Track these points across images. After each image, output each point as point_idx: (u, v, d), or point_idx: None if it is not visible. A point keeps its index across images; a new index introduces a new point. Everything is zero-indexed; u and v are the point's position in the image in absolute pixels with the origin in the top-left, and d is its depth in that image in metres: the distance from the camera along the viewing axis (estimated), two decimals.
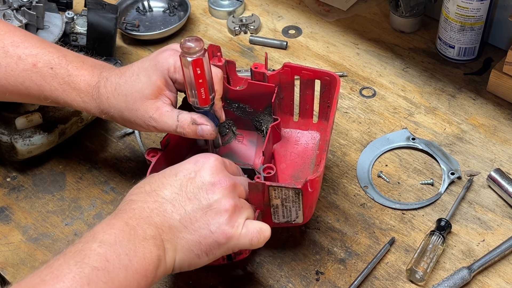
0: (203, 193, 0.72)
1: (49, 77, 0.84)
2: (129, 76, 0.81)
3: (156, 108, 0.80)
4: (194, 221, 0.71)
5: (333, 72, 0.89)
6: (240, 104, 0.94)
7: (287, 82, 0.92)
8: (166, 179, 0.73)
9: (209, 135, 0.80)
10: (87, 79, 0.84)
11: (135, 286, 0.65)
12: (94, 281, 0.62)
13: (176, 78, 0.80)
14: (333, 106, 0.85)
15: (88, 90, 0.83)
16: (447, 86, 1.11)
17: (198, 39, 0.74)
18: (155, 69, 0.80)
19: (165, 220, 0.70)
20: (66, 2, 1.09)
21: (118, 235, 0.66)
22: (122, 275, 0.64)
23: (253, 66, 0.90)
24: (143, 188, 0.73)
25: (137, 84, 0.80)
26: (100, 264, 0.63)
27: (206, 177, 0.73)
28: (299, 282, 0.86)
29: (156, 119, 0.80)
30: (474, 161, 0.99)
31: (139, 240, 0.67)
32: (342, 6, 1.26)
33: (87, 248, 0.65)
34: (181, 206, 0.71)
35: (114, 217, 0.70)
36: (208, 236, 0.71)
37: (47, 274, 0.62)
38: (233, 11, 1.25)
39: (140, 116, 0.80)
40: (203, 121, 0.80)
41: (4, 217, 0.94)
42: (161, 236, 0.69)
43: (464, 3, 1.06)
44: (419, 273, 0.84)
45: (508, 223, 0.92)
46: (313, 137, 0.97)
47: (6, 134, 0.94)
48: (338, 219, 0.93)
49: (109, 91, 0.82)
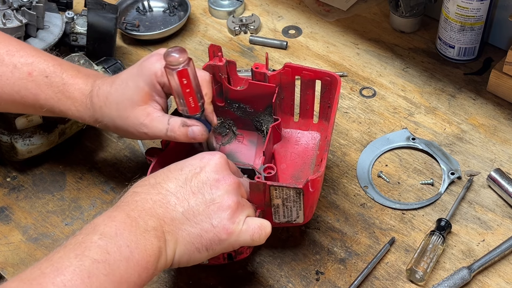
0: (207, 188, 0.72)
1: (44, 85, 0.84)
2: (119, 84, 0.81)
3: (147, 114, 0.80)
4: (197, 214, 0.71)
5: (334, 73, 0.89)
6: (241, 104, 0.94)
7: (288, 82, 0.92)
8: (171, 173, 0.74)
9: (200, 135, 0.80)
10: (81, 88, 0.84)
11: (136, 278, 0.65)
12: (95, 274, 0.62)
13: (164, 82, 0.80)
14: (334, 107, 0.85)
15: (82, 99, 0.83)
16: (447, 86, 1.11)
17: (182, 50, 0.74)
18: (142, 75, 0.80)
19: (167, 211, 0.70)
20: (66, 2, 1.09)
21: (119, 227, 0.66)
22: (123, 267, 0.64)
23: (254, 66, 0.90)
24: (147, 181, 0.73)
25: (126, 92, 0.80)
26: (101, 256, 0.63)
27: (211, 173, 0.73)
28: (299, 282, 0.86)
29: (147, 125, 0.80)
30: (474, 161, 0.99)
31: (140, 232, 0.67)
32: (342, 6, 1.26)
33: (88, 240, 0.64)
34: (184, 199, 0.71)
35: (116, 209, 0.70)
36: (210, 230, 0.71)
37: (47, 267, 0.62)
38: (233, 11, 1.25)
39: (131, 123, 0.81)
40: (193, 123, 0.80)
41: (4, 217, 0.94)
42: (162, 228, 0.69)
43: (464, 3, 1.06)
44: (419, 273, 0.84)
45: (508, 223, 0.92)
46: (314, 137, 0.97)
47: (6, 134, 0.94)
48: (338, 219, 0.93)
49: (101, 100, 0.82)
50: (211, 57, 0.90)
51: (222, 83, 0.91)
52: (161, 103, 0.82)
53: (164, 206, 0.71)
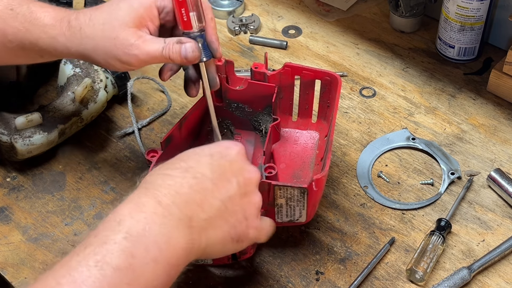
0: (240, 178, 0.68)
1: (9, 18, 0.78)
2: (106, 6, 0.76)
3: (139, 36, 0.74)
4: (235, 204, 0.67)
5: (334, 72, 0.89)
6: (239, 104, 0.94)
7: (288, 82, 0.92)
8: (201, 157, 0.68)
9: (191, 52, 0.75)
10: (52, 14, 0.78)
11: (164, 279, 0.60)
12: (116, 284, 0.56)
13: (164, 5, 0.76)
14: (335, 106, 0.85)
15: (55, 24, 0.77)
16: (447, 86, 1.11)
17: None
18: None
19: (206, 198, 0.65)
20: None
21: (148, 220, 0.60)
22: (150, 270, 0.58)
23: (253, 66, 0.90)
24: (178, 164, 0.67)
25: (116, 12, 0.75)
26: (125, 263, 0.57)
27: (241, 164, 0.70)
28: (299, 282, 0.86)
29: (139, 46, 0.74)
30: (474, 161, 0.99)
31: (173, 223, 0.61)
32: (342, 6, 1.26)
33: (111, 241, 0.57)
34: (223, 186, 0.67)
35: (145, 194, 0.62)
36: (242, 222, 0.68)
37: (64, 276, 0.55)
38: (233, 11, 1.25)
39: (119, 44, 0.74)
40: (188, 40, 0.75)
41: (4, 217, 0.94)
42: (199, 216, 0.64)
43: (464, 3, 1.06)
44: (419, 273, 0.84)
45: (508, 223, 0.92)
46: (312, 137, 0.97)
47: (6, 134, 0.94)
48: (338, 219, 0.93)
49: (82, 22, 0.76)
50: None
51: (221, 82, 0.91)
52: (153, 32, 0.76)
53: (203, 192, 0.64)
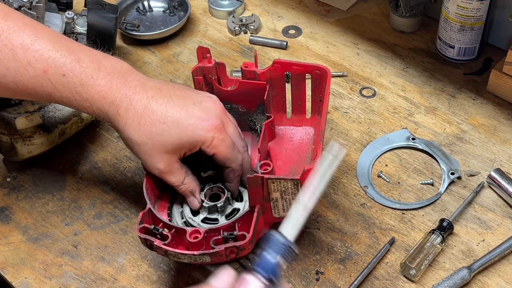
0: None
1: (60, 85, 0.78)
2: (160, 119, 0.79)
3: (169, 163, 0.81)
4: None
5: (322, 65, 0.89)
6: (233, 105, 0.93)
7: (278, 79, 0.92)
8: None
9: (192, 207, 0.86)
10: (102, 91, 0.79)
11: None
12: None
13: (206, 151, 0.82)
14: (326, 99, 0.85)
15: (103, 103, 0.79)
16: (447, 86, 1.11)
17: None
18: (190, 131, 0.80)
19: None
20: (66, 2, 1.09)
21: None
22: None
23: (243, 65, 0.90)
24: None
25: (164, 135, 0.79)
26: None
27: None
28: (299, 282, 0.86)
29: (164, 173, 0.82)
30: (474, 161, 0.99)
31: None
32: (342, 6, 1.26)
33: None
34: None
35: None
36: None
37: None
38: (233, 11, 1.25)
39: (149, 161, 0.81)
40: (197, 196, 0.86)
41: (4, 217, 0.94)
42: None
43: (464, 3, 1.06)
44: (411, 268, 0.84)
45: (508, 223, 0.92)
46: (307, 132, 0.97)
47: (6, 134, 0.94)
48: (338, 219, 0.93)
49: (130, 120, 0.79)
50: (199, 59, 0.90)
51: (212, 84, 0.91)
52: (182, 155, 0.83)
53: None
